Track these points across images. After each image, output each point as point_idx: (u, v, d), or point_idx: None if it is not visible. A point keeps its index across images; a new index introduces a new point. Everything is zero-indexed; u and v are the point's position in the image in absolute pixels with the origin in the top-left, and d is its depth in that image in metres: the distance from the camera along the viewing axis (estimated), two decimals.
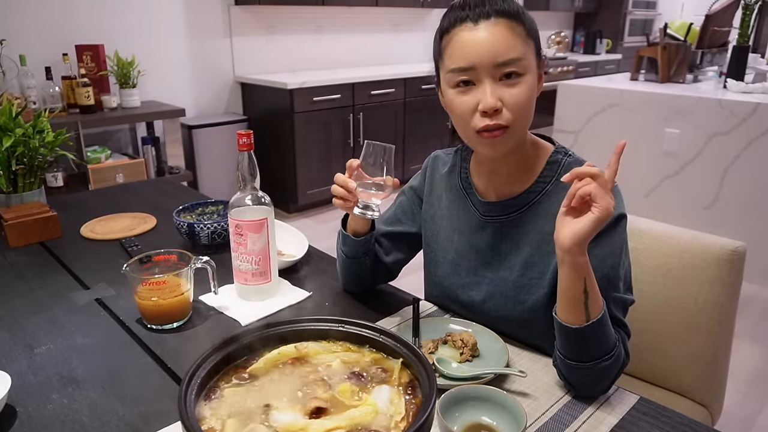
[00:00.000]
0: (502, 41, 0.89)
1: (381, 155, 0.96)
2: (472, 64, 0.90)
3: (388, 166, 0.96)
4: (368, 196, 0.97)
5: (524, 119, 0.94)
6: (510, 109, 0.91)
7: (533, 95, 0.94)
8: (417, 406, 0.68)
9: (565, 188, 0.98)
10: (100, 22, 3.30)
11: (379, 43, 4.83)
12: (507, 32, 0.90)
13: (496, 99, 0.90)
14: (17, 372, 0.91)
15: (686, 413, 0.87)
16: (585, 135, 3.50)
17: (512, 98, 0.90)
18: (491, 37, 0.89)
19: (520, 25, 0.91)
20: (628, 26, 6.69)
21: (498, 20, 0.90)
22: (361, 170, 0.96)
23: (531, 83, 0.92)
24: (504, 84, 0.91)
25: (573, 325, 0.84)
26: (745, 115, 2.86)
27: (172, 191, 1.93)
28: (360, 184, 0.96)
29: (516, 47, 0.90)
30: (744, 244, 1.19)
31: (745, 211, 2.96)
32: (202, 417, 0.66)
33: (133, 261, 1.07)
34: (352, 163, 0.97)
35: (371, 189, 0.96)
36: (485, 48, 0.89)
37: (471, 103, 0.92)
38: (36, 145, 1.45)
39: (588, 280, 0.83)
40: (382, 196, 0.98)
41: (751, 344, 2.49)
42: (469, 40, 0.90)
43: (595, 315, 0.84)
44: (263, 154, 3.89)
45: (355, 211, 0.99)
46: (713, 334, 1.21)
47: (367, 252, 1.11)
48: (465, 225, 1.09)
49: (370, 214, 0.98)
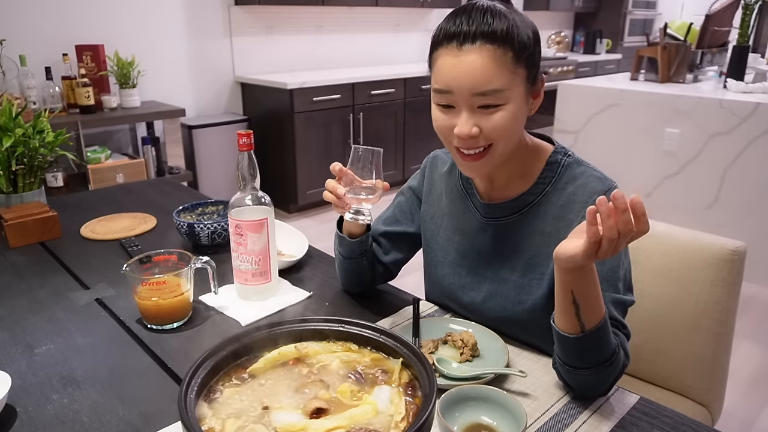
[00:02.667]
0: (482, 71, 0.86)
1: (369, 159, 0.95)
2: (451, 89, 0.89)
3: (377, 170, 0.95)
4: (359, 201, 0.96)
5: (505, 142, 0.92)
6: (487, 135, 0.90)
7: (515, 122, 0.91)
8: (417, 406, 0.68)
9: (564, 189, 0.98)
10: (100, 22, 3.30)
11: (379, 43, 4.83)
12: (489, 62, 0.86)
13: (471, 126, 0.89)
14: (17, 372, 0.91)
15: (686, 413, 0.86)
16: (585, 135, 3.50)
17: (490, 125, 0.89)
18: (472, 66, 0.86)
19: (508, 51, 0.87)
20: (628, 26, 6.69)
21: (483, 46, 0.86)
22: (353, 173, 0.95)
23: (512, 111, 0.89)
24: (482, 111, 0.89)
25: (568, 334, 0.83)
26: (745, 115, 2.85)
27: (172, 191, 1.93)
28: (350, 189, 0.95)
29: (498, 78, 0.86)
30: (744, 244, 1.19)
31: (745, 211, 2.96)
32: (202, 417, 0.66)
33: (133, 261, 1.07)
34: (334, 167, 0.96)
35: (361, 194, 0.95)
36: (464, 76, 0.87)
37: (449, 123, 0.91)
38: (36, 145, 1.45)
39: (577, 293, 0.80)
40: (373, 201, 0.97)
41: (751, 344, 2.49)
42: (451, 66, 0.88)
43: (592, 325, 0.81)
44: (263, 154, 3.89)
45: (346, 217, 0.98)
46: (713, 334, 1.21)
47: (363, 252, 1.11)
48: (466, 225, 1.08)
49: (362, 219, 0.97)
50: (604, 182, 0.96)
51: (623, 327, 0.93)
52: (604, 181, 0.97)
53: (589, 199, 0.95)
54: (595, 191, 0.95)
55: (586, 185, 0.97)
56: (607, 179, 0.97)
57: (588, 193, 0.96)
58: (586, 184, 0.97)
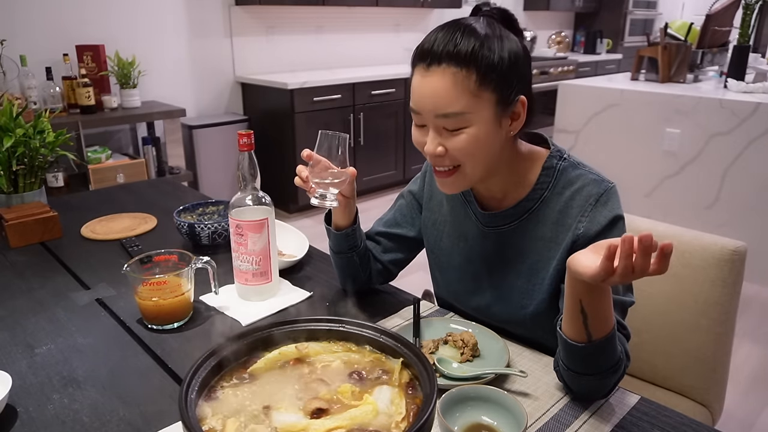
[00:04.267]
0: (443, 94, 0.86)
1: (334, 145, 0.96)
2: (419, 110, 0.90)
3: (343, 155, 0.97)
4: (325, 186, 0.97)
5: (473, 164, 0.92)
6: (452, 156, 0.90)
7: (481, 145, 0.90)
8: (417, 406, 0.68)
9: (561, 193, 0.97)
10: (100, 22, 3.30)
11: (379, 43, 4.83)
12: (449, 85, 0.85)
13: (436, 146, 0.90)
14: (18, 372, 0.91)
15: (687, 413, 0.86)
16: (585, 135, 3.50)
17: (454, 146, 0.89)
18: (434, 88, 0.87)
19: (472, 74, 0.85)
20: (628, 26, 6.69)
21: (447, 68, 0.85)
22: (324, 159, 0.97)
23: (475, 134, 0.88)
24: (447, 132, 0.89)
25: (574, 342, 0.82)
26: (746, 115, 2.85)
27: (173, 191, 1.93)
28: (316, 173, 0.97)
29: (458, 101, 0.86)
30: (744, 244, 1.19)
31: (745, 211, 2.96)
32: (203, 417, 0.66)
33: (134, 261, 1.07)
34: (304, 152, 0.97)
35: (327, 179, 0.97)
36: (428, 98, 0.88)
37: (422, 140, 0.93)
38: (36, 145, 1.46)
39: (585, 303, 0.78)
40: (338, 186, 0.98)
41: (752, 344, 2.49)
42: (418, 86, 0.89)
43: (598, 336, 0.80)
44: (264, 154, 3.89)
45: (312, 201, 0.98)
46: (713, 334, 1.21)
47: (352, 247, 1.10)
48: (468, 232, 1.08)
49: (328, 203, 0.98)
50: (601, 184, 0.96)
51: (623, 328, 0.93)
52: (601, 183, 0.96)
53: (585, 203, 0.95)
54: (592, 194, 0.95)
55: (583, 189, 0.96)
56: (603, 180, 0.97)
57: (584, 196, 0.95)
58: (582, 188, 0.96)
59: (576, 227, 0.95)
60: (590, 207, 0.94)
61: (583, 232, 0.94)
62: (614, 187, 0.96)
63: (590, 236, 0.93)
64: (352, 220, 1.09)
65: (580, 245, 0.92)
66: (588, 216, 0.94)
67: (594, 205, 0.94)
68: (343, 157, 0.97)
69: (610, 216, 0.93)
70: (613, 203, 0.95)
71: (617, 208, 0.95)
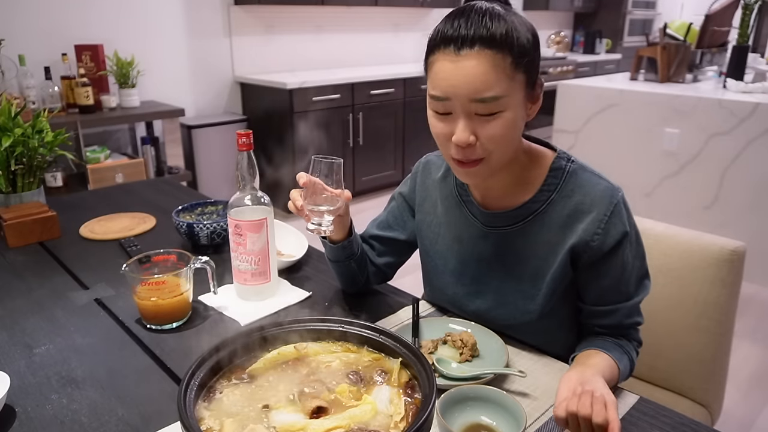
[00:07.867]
0: (482, 78, 0.83)
1: (331, 170, 0.92)
2: (448, 96, 0.85)
3: (338, 180, 0.93)
4: (320, 214, 0.94)
5: (502, 151, 0.90)
6: (484, 144, 0.87)
7: (513, 130, 0.88)
8: (416, 406, 0.68)
9: (570, 196, 0.96)
10: (99, 22, 3.29)
11: (379, 43, 4.83)
12: (488, 68, 0.82)
13: (468, 134, 0.86)
14: (16, 372, 0.91)
15: (686, 413, 0.86)
16: (585, 135, 3.50)
17: (487, 133, 0.86)
18: (470, 72, 0.83)
19: (507, 56, 0.83)
20: (627, 26, 6.69)
21: (481, 51, 0.82)
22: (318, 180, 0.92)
23: (510, 119, 0.86)
24: (480, 118, 0.86)
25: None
26: (745, 115, 2.85)
27: (172, 191, 1.93)
28: (311, 200, 0.93)
29: (497, 85, 0.83)
30: (744, 244, 1.19)
31: (745, 211, 2.96)
32: (202, 417, 0.66)
33: (133, 261, 1.07)
34: (300, 177, 0.94)
35: (323, 206, 0.93)
36: (462, 83, 0.83)
37: (446, 131, 0.89)
38: (35, 145, 1.45)
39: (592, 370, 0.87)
40: (333, 213, 0.95)
41: (751, 344, 2.49)
42: (448, 71, 0.85)
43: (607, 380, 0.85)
44: (263, 154, 3.89)
45: (308, 227, 0.96)
46: (713, 334, 1.21)
47: (350, 256, 1.09)
48: (464, 233, 1.06)
49: (323, 230, 0.95)
50: (613, 193, 0.95)
51: (635, 337, 0.99)
52: (613, 191, 0.95)
53: (600, 213, 0.93)
54: (605, 204, 0.94)
55: (594, 194, 0.94)
56: (613, 187, 0.96)
57: (598, 205, 0.94)
58: (593, 193, 0.95)
59: (591, 239, 0.93)
60: (606, 218, 0.93)
61: (597, 246, 0.93)
62: (623, 195, 0.95)
63: (603, 252, 0.93)
64: (347, 233, 1.06)
65: (589, 257, 0.94)
66: (603, 229, 0.93)
67: (609, 217, 0.93)
68: (338, 181, 0.93)
69: (622, 230, 0.93)
70: (623, 217, 0.94)
71: (624, 224, 0.94)
